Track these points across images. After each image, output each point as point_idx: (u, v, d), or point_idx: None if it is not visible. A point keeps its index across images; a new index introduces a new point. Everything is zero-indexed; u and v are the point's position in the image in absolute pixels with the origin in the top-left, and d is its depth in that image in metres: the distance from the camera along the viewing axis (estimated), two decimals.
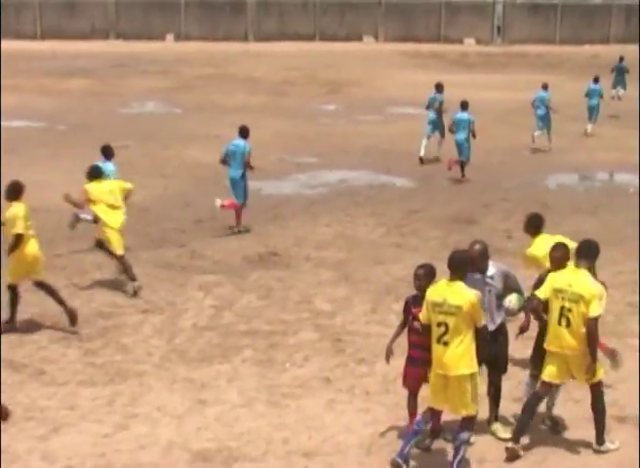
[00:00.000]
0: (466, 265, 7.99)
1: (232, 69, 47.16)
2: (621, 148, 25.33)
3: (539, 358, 8.64)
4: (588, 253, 8.52)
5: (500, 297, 8.47)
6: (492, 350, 8.26)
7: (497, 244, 14.29)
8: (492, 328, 8.36)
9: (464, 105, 21.23)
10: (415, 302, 8.34)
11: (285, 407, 9.38)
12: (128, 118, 29.88)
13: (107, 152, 15.06)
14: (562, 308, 8.22)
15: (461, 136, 20.92)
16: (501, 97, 36.64)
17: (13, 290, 11.24)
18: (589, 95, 28.22)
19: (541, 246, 9.56)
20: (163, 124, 28.43)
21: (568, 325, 8.19)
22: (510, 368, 9.03)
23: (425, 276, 8.28)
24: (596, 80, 28.47)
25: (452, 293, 7.80)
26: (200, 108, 32.13)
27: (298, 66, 48.44)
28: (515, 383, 9.52)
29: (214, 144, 24.70)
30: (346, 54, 56.97)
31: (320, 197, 19.21)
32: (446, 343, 7.79)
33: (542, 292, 8.36)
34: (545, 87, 26.43)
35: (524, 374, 9.33)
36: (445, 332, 7.78)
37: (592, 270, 8.51)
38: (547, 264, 8.91)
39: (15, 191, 11.22)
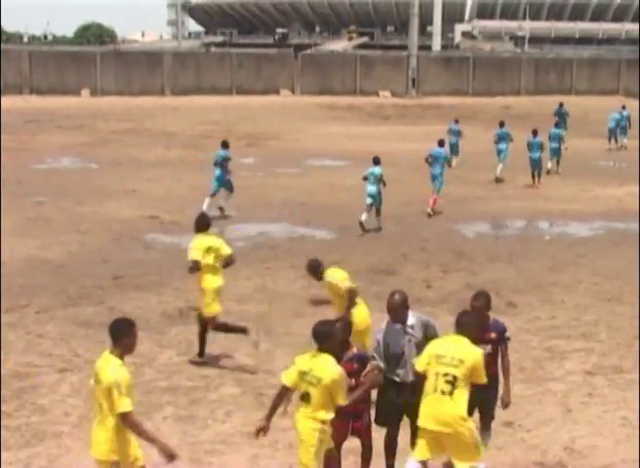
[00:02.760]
0: (331, 337, 7.90)
1: (149, 123, 47.05)
2: (537, 196, 25.91)
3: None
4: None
5: (420, 347, 8.50)
6: (411, 400, 8.23)
7: (416, 293, 14.39)
8: (411, 378, 8.36)
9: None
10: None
11: (208, 464, 9.23)
12: (42, 174, 29.52)
13: None
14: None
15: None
16: (417, 147, 37.11)
17: None
18: (530, 148, 28.18)
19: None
20: (78, 179, 28.16)
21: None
22: None
23: (342, 330, 8.22)
24: (535, 133, 28.31)
25: (318, 366, 7.77)
26: (116, 163, 31.94)
27: (215, 120, 48.55)
28: None
29: (130, 199, 24.58)
30: (263, 107, 57.38)
31: (239, 250, 19.08)
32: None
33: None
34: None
35: None
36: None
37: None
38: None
39: None
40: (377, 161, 21.67)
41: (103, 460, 7.43)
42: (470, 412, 8.91)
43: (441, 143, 24.54)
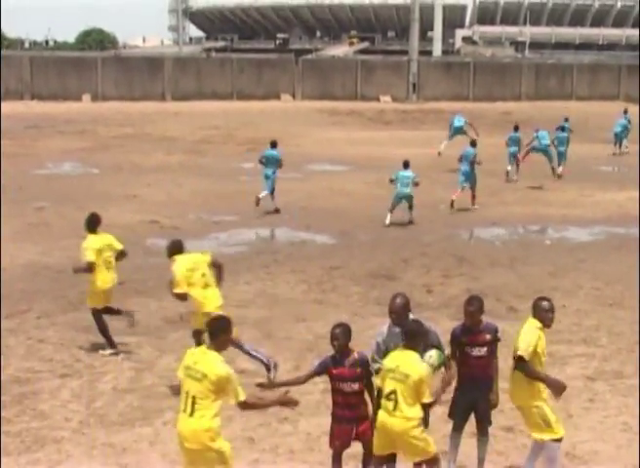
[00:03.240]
0: (421, 336, 8.23)
1: (150, 128, 47.07)
2: (537, 201, 25.90)
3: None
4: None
5: (420, 353, 8.50)
6: None
7: (417, 298, 14.39)
8: None
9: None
10: (334, 363, 8.24)
11: None
12: (43, 179, 29.53)
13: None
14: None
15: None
16: (418, 152, 37.14)
17: None
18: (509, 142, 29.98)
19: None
20: (79, 184, 28.17)
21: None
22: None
23: (343, 335, 8.22)
24: (516, 128, 30.18)
25: (405, 363, 7.96)
26: (117, 168, 31.94)
27: (215, 125, 48.56)
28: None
29: (131, 204, 24.58)
30: (264, 112, 57.38)
31: (240, 255, 19.15)
32: None
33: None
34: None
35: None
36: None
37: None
38: None
39: None
40: (406, 165, 22.79)
41: (205, 449, 7.51)
42: (466, 417, 8.93)
43: (473, 144, 26.50)
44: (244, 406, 7.63)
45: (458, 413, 8.94)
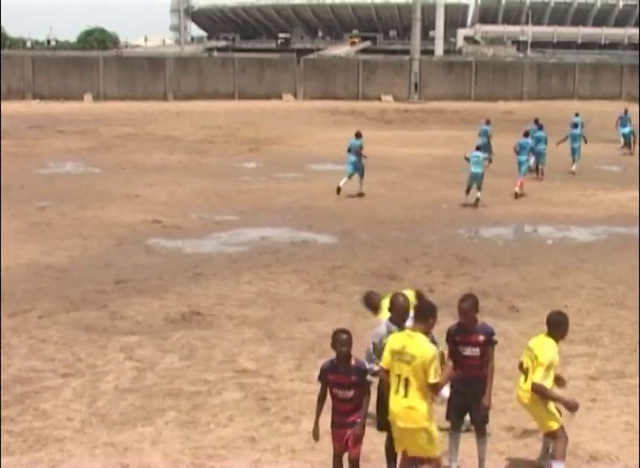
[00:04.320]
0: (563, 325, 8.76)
1: (151, 128, 47.11)
2: (539, 201, 25.89)
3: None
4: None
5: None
6: None
7: None
8: None
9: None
10: (332, 369, 8.14)
11: None
12: (45, 179, 29.55)
13: None
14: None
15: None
16: (420, 152, 37.25)
17: None
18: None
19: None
20: (81, 184, 28.18)
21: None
22: None
23: (350, 342, 8.08)
24: (488, 122, 31.97)
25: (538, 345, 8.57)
26: (119, 168, 31.97)
27: (217, 125, 48.60)
28: None
29: (133, 204, 24.59)
30: (266, 111, 57.43)
31: (242, 255, 19.15)
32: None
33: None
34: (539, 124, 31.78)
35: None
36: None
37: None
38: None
39: None
40: (479, 148, 26.10)
41: (418, 428, 7.87)
42: (461, 416, 8.92)
43: (526, 134, 28.42)
44: (435, 387, 7.89)
45: (453, 413, 8.95)
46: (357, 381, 8.05)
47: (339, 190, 26.05)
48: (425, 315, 8.09)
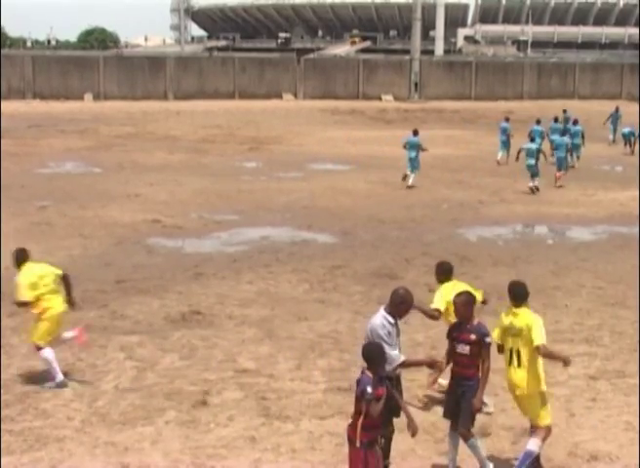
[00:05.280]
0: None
1: (152, 128, 47.11)
2: (539, 201, 25.89)
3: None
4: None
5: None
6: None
7: (419, 298, 14.30)
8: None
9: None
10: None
11: None
12: (45, 178, 29.54)
13: None
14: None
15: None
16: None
17: None
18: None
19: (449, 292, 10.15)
20: (81, 184, 28.18)
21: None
22: None
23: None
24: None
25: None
26: (119, 167, 31.97)
27: (217, 124, 48.60)
28: None
29: (133, 203, 24.59)
30: (266, 111, 57.43)
31: (242, 254, 19.15)
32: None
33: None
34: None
35: None
36: None
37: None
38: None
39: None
40: (532, 139, 28.54)
41: (533, 393, 8.71)
42: (456, 414, 8.88)
43: (563, 133, 31.03)
44: (541, 350, 8.48)
45: (447, 412, 8.94)
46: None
47: (408, 186, 27.81)
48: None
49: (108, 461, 9.32)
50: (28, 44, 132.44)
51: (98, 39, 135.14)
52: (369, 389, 7.48)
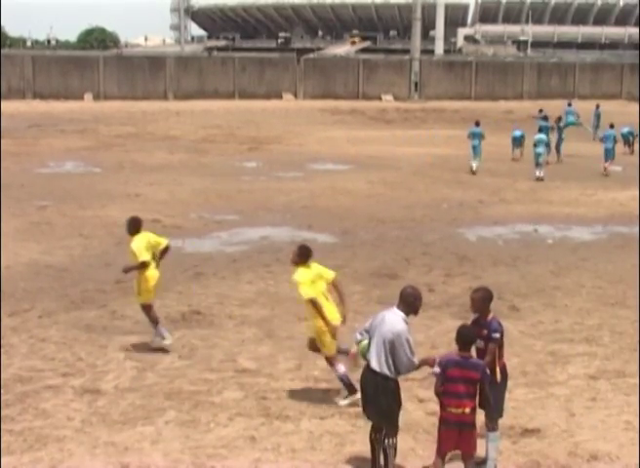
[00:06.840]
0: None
1: (152, 127, 47.11)
2: (539, 200, 25.89)
3: None
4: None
5: None
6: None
7: None
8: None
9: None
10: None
11: None
12: (45, 178, 29.54)
13: None
14: None
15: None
16: (420, 151, 37.25)
17: None
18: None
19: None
20: (81, 183, 28.18)
21: None
22: None
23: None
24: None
25: None
26: (119, 167, 31.97)
27: (217, 124, 48.60)
28: None
29: (134, 203, 24.57)
30: (266, 111, 57.44)
31: (242, 254, 19.15)
32: None
33: None
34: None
35: None
36: None
37: None
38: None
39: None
40: (540, 130, 31.23)
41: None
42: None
43: (612, 126, 32.62)
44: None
45: None
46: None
47: (473, 173, 30.48)
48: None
49: (108, 461, 9.32)
50: (28, 44, 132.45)
51: (97, 39, 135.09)
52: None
